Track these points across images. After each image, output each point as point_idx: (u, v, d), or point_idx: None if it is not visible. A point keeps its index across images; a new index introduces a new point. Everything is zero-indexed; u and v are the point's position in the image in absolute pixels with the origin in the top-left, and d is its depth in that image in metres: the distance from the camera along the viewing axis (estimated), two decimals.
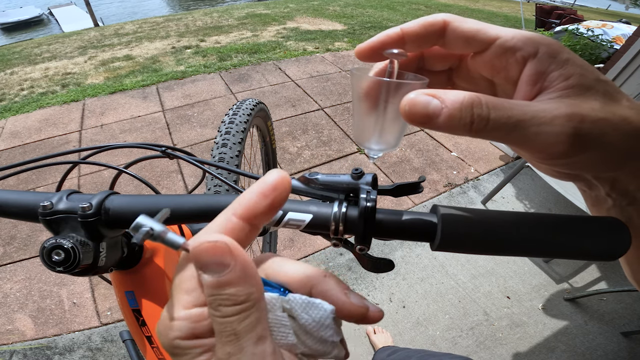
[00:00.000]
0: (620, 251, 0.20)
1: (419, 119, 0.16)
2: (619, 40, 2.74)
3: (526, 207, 2.08)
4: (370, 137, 0.22)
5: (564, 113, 0.16)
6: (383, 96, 0.20)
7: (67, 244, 0.26)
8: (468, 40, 0.19)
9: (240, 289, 0.14)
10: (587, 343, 1.46)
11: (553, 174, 0.21)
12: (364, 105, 0.21)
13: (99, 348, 1.38)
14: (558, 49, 0.17)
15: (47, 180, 2.15)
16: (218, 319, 0.14)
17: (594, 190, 0.22)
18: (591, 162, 0.17)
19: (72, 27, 9.76)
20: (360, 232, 0.22)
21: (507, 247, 0.21)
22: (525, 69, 0.18)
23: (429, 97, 0.16)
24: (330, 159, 2.34)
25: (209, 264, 0.14)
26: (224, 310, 0.14)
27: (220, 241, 0.14)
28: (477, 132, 0.16)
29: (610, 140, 0.16)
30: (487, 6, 8.76)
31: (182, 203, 0.27)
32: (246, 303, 0.14)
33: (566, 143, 0.16)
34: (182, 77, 3.36)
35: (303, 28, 5.00)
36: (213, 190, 0.79)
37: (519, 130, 0.16)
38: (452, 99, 0.16)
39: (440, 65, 0.22)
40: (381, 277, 1.67)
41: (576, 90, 0.16)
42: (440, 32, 0.19)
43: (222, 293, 0.14)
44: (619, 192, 0.20)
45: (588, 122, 0.16)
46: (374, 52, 0.20)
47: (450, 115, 0.16)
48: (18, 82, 3.54)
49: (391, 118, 0.21)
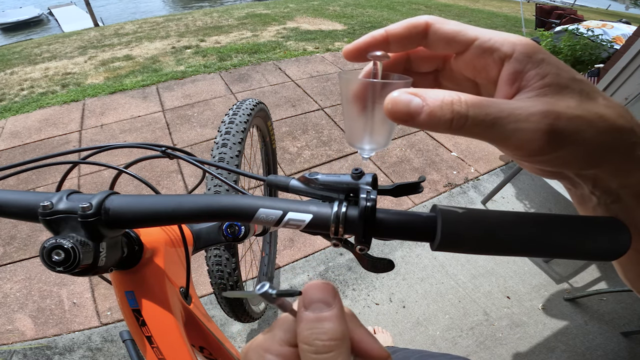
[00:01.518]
0: (621, 251, 0.20)
1: (401, 116, 0.17)
2: (619, 40, 2.74)
3: (526, 207, 2.08)
4: (361, 138, 0.22)
5: (540, 110, 0.16)
6: (370, 97, 0.20)
7: (67, 244, 0.26)
8: (449, 41, 0.19)
9: (337, 326, 0.15)
10: (587, 343, 1.46)
11: (537, 171, 0.21)
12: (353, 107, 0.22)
13: (99, 348, 1.38)
14: (534, 49, 0.17)
15: (47, 180, 2.15)
16: (311, 355, 0.15)
17: (578, 188, 0.22)
18: (569, 158, 0.18)
19: (72, 27, 9.77)
20: (360, 232, 0.22)
21: (507, 247, 0.21)
22: (503, 69, 0.18)
23: (411, 95, 0.17)
24: (330, 159, 2.34)
25: (314, 301, 0.16)
26: (319, 345, 0.15)
27: (329, 283, 0.17)
28: (457, 129, 0.17)
29: (586, 137, 0.17)
30: (487, 6, 8.76)
31: (182, 203, 0.27)
32: (339, 340, 0.15)
33: (542, 140, 0.16)
34: (182, 77, 3.37)
35: (303, 28, 5.00)
36: (213, 190, 0.79)
37: (497, 128, 0.16)
38: (432, 97, 0.16)
39: (426, 66, 0.23)
40: (381, 277, 1.67)
41: (552, 89, 0.17)
42: (423, 34, 0.20)
43: (321, 327, 0.15)
44: (602, 190, 0.20)
45: (564, 119, 0.16)
46: (360, 53, 0.21)
47: (430, 113, 0.16)
48: (18, 82, 3.54)
49: (379, 118, 0.21)
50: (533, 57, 0.17)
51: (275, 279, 1.64)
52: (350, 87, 0.21)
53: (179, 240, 0.46)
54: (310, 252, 1.76)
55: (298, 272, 1.67)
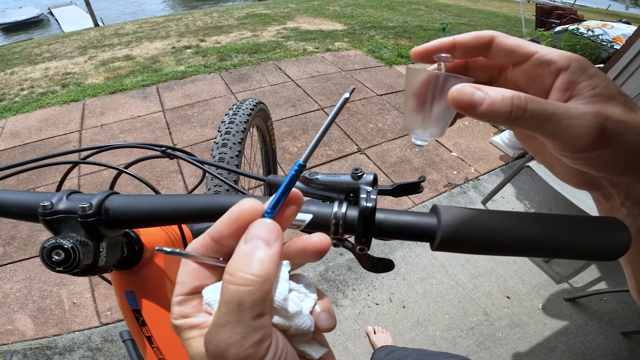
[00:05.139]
0: (621, 251, 0.20)
1: (464, 105, 0.19)
2: (619, 40, 2.74)
3: (526, 207, 2.08)
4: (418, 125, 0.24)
5: (592, 111, 0.18)
6: (432, 88, 0.22)
7: (67, 244, 0.26)
8: (511, 52, 0.22)
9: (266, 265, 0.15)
10: (587, 343, 1.46)
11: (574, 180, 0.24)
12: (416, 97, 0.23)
13: (99, 348, 1.38)
14: (587, 64, 0.20)
15: (47, 180, 2.15)
16: (230, 286, 0.15)
17: (609, 200, 0.24)
18: (611, 159, 0.19)
19: (72, 27, 9.75)
20: (360, 232, 0.22)
21: (507, 247, 0.21)
22: (558, 79, 0.20)
23: (475, 89, 0.19)
24: (331, 159, 2.34)
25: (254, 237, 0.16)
26: (239, 276, 0.15)
27: (276, 224, 0.17)
28: (515, 120, 0.19)
29: (629, 140, 0.19)
30: (487, 6, 8.76)
31: (182, 203, 0.27)
32: (262, 279, 0.15)
33: (592, 136, 0.18)
34: (182, 77, 3.36)
35: (303, 28, 5.00)
36: (213, 190, 0.79)
37: (552, 122, 0.18)
38: (495, 92, 0.19)
39: (482, 75, 0.26)
40: (381, 277, 1.67)
41: (601, 98, 0.19)
42: (487, 45, 0.22)
43: (249, 261, 0.15)
44: (633, 200, 0.22)
45: (611, 121, 0.18)
46: (428, 54, 0.24)
47: (492, 104, 0.18)
48: (18, 82, 3.54)
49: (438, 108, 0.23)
50: (587, 71, 0.20)
51: None
52: (417, 79, 0.23)
53: (179, 240, 0.46)
54: None
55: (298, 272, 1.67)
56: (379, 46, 4.25)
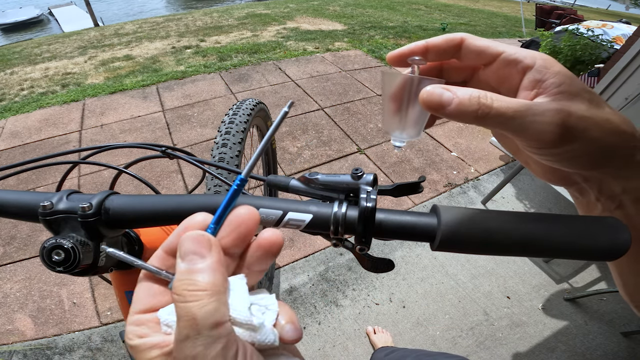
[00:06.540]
0: (621, 251, 0.20)
1: (434, 106, 0.20)
2: (619, 40, 2.74)
3: (526, 207, 2.08)
4: (396, 127, 0.24)
5: (554, 108, 0.19)
6: (407, 91, 0.23)
7: (67, 244, 0.26)
8: (479, 53, 0.22)
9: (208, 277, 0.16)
10: (587, 343, 1.46)
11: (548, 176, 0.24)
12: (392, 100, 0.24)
13: (99, 348, 1.38)
14: (552, 62, 0.20)
15: (47, 180, 2.15)
16: (180, 304, 0.15)
17: (585, 196, 0.25)
18: (577, 154, 0.20)
19: (72, 27, 9.75)
20: (360, 232, 0.22)
21: (507, 247, 0.21)
22: (524, 78, 0.21)
23: (444, 89, 0.20)
24: (330, 159, 2.34)
25: (188, 252, 0.16)
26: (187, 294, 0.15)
27: (204, 234, 0.17)
28: (482, 119, 0.19)
29: (593, 136, 0.19)
30: (487, 6, 8.77)
31: (182, 203, 0.27)
32: (209, 291, 0.15)
33: (555, 132, 0.19)
34: (182, 77, 3.37)
35: (303, 28, 5.00)
36: (213, 190, 0.79)
37: (517, 119, 0.19)
38: (462, 92, 0.19)
39: (456, 76, 0.26)
40: (381, 277, 1.67)
41: (566, 95, 0.19)
42: (458, 46, 0.23)
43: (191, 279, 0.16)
44: (607, 195, 0.23)
45: (574, 118, 0.19)
46: (402, 58, 0.24)
47: (459, 103, 0.19)
48: (18, 82, 3.54)
49: (413, 111, 0.23)
50: (551, 68, 0.20)
51: (276, 279, 1.64)
52: (392, 82, 0.23)
53: None
54: (310, 252, 1.76)
55: (298, 272, 1.67)
56: (379, 46, 4.25)
